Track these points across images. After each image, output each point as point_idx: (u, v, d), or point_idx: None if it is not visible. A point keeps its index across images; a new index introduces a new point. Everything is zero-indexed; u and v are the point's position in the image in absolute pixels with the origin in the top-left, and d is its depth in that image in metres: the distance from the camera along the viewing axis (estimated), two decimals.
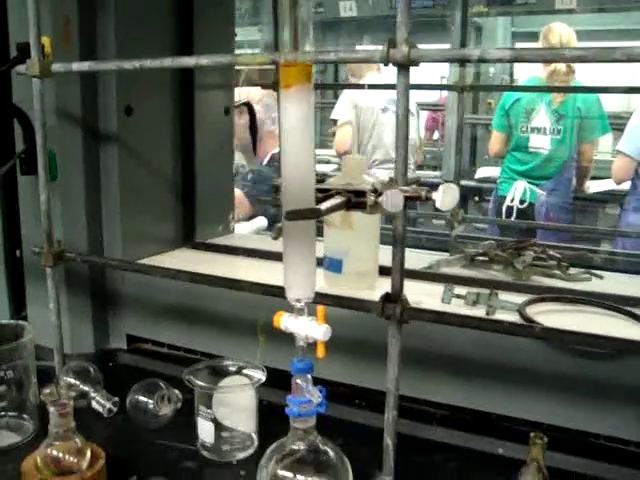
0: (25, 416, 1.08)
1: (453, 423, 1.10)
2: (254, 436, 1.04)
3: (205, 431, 1.01)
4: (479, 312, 1.11)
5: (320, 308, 0.76)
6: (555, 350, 1.02)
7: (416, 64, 0.80)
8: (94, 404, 1.14)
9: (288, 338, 0.80)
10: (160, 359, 1.37)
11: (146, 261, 1.40)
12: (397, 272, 0.88)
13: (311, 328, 0.76)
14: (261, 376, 1.03)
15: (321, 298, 0.87)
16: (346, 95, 3.91)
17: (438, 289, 1.17)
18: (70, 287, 1.37)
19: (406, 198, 0.79)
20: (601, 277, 1.28)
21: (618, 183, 3.41)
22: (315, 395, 0.78)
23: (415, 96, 4.03)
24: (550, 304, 1.15)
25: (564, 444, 1.01)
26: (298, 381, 0.79)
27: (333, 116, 3.96)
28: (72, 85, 1.29)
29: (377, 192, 0.79)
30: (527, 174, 3.40)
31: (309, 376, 0.79)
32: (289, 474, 0.79)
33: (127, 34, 1.32)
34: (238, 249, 1.54)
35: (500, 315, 1.10)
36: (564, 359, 1.02)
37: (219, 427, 1.01)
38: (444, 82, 4.20)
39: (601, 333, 0.89)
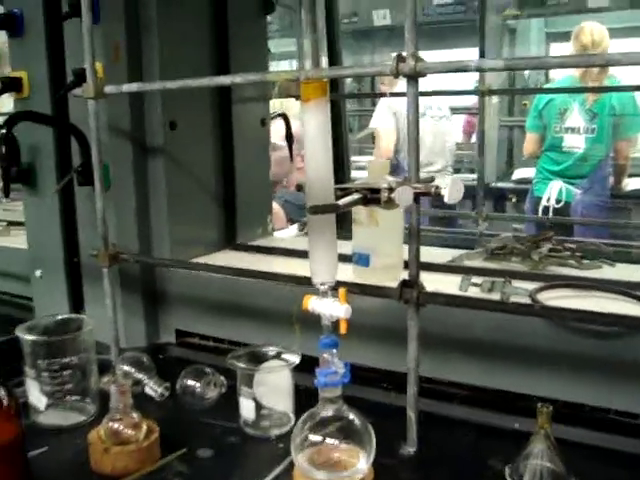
0: (87, 400, 1.20)
1: (474, 401, 1.19)
2: (291, 415, 1.15)
3: (247, 409, 1.13)
4: (494, 298, 1.18)
5: (341, 290, 0.87)
6: (567, 331, 1.09)
7: (423, 75, 0.91)
8: (147, 389, 1.26)
9: (321, 329, 0.90)
10: (206, 351, 1.49)
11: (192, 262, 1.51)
12: (413, 260, 0.99)
13: (334, 307, 0.87)
14: (296, 359, 1.14)
15: (346, 286, 0.97)
16: (384, 103, 3.97)
17: (458, 280, 1.26)
18: (124, 287, 1.49)
19: (417, 194, 0.90)
20: (613, 265, 1.34)
21: None
22: (340, 367, 0.89)
23: (450, 100, 4.09)
24: (561, 290, 1.22)
25: (577, 419, 1.10)
26: (325, 355, 0.89)
27: (372, 125, 4.05)
28: (122, 104, 1.42)
29: (391, 189, 0.90)
30: (562, 174, 3.42)
31: (334, 351, 0.89)
32: (319, 438, 0.90)
33: (170, 54, 1.44)
34: (276, 249, 1.64)
35: (513, 300, 1.17)
36: (576, 340, 1.09)
37: (259, 406, 1.12)
38: None
39: None
